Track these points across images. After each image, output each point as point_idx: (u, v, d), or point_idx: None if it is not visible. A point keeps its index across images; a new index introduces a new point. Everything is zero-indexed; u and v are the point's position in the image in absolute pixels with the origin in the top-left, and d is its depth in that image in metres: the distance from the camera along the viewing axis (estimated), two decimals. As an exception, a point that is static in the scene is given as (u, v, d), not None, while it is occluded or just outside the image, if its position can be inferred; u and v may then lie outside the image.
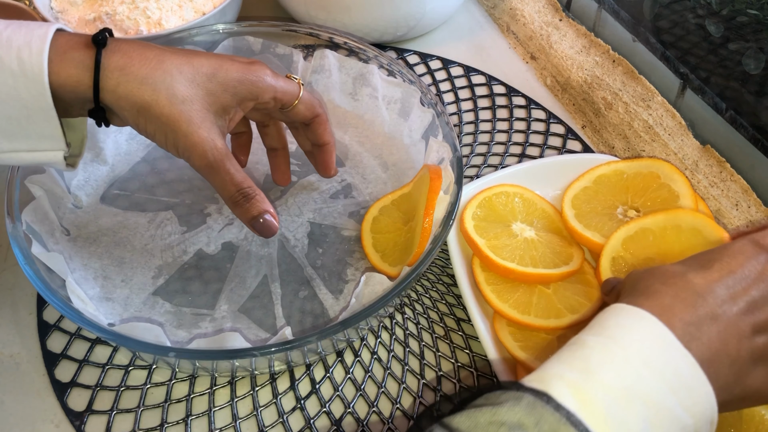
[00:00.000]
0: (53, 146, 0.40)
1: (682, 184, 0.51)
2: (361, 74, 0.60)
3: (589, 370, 0.31)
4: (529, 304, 0.47)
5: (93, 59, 0.38)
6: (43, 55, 0.37)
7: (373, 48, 0.58)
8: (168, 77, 0.39)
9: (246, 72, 0.43)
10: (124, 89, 0.39)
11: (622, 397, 0.30)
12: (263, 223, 0.44)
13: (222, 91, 0.41)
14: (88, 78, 0.39)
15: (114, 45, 0.39)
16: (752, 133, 0.54)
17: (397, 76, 0.58)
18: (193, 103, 0.40)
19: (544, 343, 0.46)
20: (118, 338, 0.41)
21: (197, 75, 0.41)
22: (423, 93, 0.56)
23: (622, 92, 0.63)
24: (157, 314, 0.48)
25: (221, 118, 0.42)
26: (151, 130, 0.40)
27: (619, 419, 0.30)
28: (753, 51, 0.54)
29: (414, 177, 0.54)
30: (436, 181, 0.48)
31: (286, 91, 0.45)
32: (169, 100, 0.39)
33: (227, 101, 0.42)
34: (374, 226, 0.52)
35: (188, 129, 0.40)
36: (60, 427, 0.45)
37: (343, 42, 0.59)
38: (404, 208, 0.53)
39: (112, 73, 0.39)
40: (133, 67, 0.39)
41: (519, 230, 0.51)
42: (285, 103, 0.45)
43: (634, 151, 0.61)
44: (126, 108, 0.40)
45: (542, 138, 0.63)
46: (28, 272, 0.43)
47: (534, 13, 0.73)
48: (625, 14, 0.66)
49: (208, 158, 0.41)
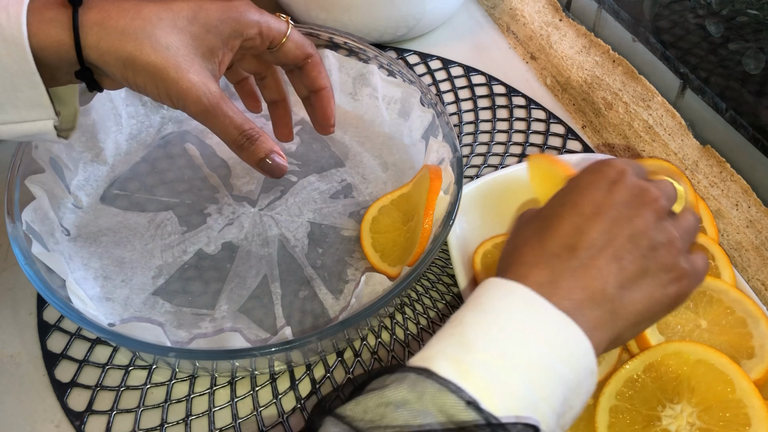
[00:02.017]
0: (42, 115, 0.39)
1: (683, 184, 0.51)
2: (361, 74, 0.60)
3: (467, 344, 0.32)
4: None
5: (70, 18, 0.38)
6: (21, 18, 0.36)
7: (373, 48, 0.58)
8: (148, 25, 0.39)
9: (227, 9, 0.42)
10: (105, 44, 0.38)
11: (501, 364, 0.31)
12: (272, 164, 0.43)
13: (205, 33, 0.41)
14: (68, 37, 0.38)
15: (89, 1, 0.39)
16: (752, 133, 0.54)
17: (397, 76, 0.58)
18: (179, 49, 0.39)
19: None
20: (118, 338, 0.41)
21: (177, 19, 0.40)
22: (423, 93, 0.56)
23: (622, 92, 0.63)
24: (157, 314, 0.48)
25: (210, 61, 0.42)
26: (141, 82, 0.40)
27: (500, 384, 0.31)
28: (753, 51, 0.54)
29: (413, 177, 0.54)
30: (436, 182, 0.48)
31: (271, 27, 0.44)
32: (153, 48, 0.39)
33: (212, 42, 0.41)
34: (374, 226, 0.52)
35: (177, 75, 0.39)
36: (60, 427, 0.45)
37: (343, 42, 0.59)
38: (403, 208, 0.53)
39: (91, 29, 0.38)
40: (111, 21, 0.38)
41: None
42: (273, 40, 0.44)
43: (634, 151, 0.61)
44: (111, 63, 0.39)
45: (542, 138, 0.63)
46: (28, 272, 0.43)
47: (534, 13, 0.73)
48: (625, 14, 0.66)
49: (203, 102, 0.40)
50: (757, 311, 0.45)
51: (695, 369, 0.42)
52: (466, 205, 0.53)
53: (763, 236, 0.52)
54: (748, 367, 0.43)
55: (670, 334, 0.45)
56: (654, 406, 0.41)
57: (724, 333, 0.45)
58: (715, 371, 0.41)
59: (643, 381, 0.42)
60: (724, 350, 0.43)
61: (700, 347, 0.42)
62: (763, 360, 0.43)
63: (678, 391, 0.41)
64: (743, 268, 0.52)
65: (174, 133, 0.60)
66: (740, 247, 0.53)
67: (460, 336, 0.32)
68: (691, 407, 0.41)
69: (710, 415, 0.40)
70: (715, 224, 0.52)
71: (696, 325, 0.46)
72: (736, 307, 0.46)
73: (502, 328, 0.32)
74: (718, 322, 0.46)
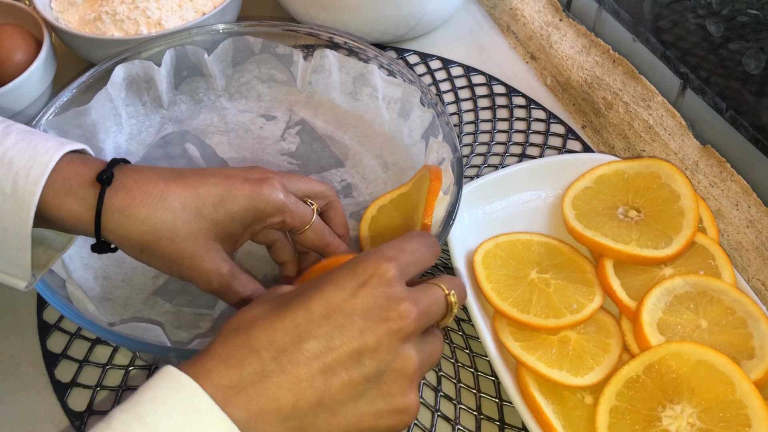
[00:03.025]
0: (18, 274, 0.40)
1: (683, 185, 0.51)
2: (361, 74, 0.60)
3: None
4: (528, 303, 0.47)
5: (96, 198, 0.38)
6: (38, 187, 0.37)
7: (374, 48, 0.58)
8: (170, 215, 0.39)
9: (255, 197, 0.40)
10: (125, 231, 0.38)
11: None
12: None
13: (229, 221, 0.40)
14: (89, 217, 0.38)
15: (118, 182, 0.39)
16: (752, 133, 0.54)
17: (398, 76, 0.58)
18: (197, 238, 0.39)
19: (545, 343, 0.46)
20: (119, 338, 0.41)
21: (203, 206, 0.40)
22: (423, 93, 0.56)
23: (622, 92, 0.63)
24: (157, 314, 0.48)
25: (227, 242, 0.42)
26: (155, 264, 0.40)
27: None
28: (753, 51, 0.54)
29: (413, 177, 0.54)
30: (436, 182, 0.48)
31: (295, 216, 0.42)
32: (171, 240, 0.39)
33: (234, 229, 0.41)
34: (373, 225, 0.52)
35: (191, 263, 0.39)
36: (60, 427, 0.45)
37: (343, 42, 0.59)
38: (402, 207, 0.53)
39: (113, 215, 0.38)
40: (134, 208, 0.38)
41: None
42: (294, 228, 0.43)
43: (634, 151, 0.61)
44: (127, 246, 0.40)
45: (542, 138, 0.63)
46: None
47: (534, 13, 0.73)
48: (625, 14, 0.66)
49: (213, 285, 0.40)
50: (758, 312, 0.45)
51: (695, 369, 0.42)
52: (466, 205, 0.53)
53: (763, 236, 0.52)
54: (748, 368, 0.43)
55: (671, 335, 0.45)
56: (654, 406, 0.41)
57: (725, 333, 0.45)
58: (715, 372, 0.41)
59: (643, 381, 0.42)
60: (724, 351, 0.43)
61: (700, 348, 0.42)
62: (763, 360, 0.43)
63: (678, 392, 0.41)
64: (743, 268, 0.52)
65: (174, 133, 0.60)
66: (740, 247, 0.53)
67: None
68: (692, 408, 0.41)
69: (710, 415, 0.40)
70: (716, 224, 0.52)
71: (696, 325, 0.46)
72: (737, 307, 0.46)
73: None
74: (719, 322, 0.46)
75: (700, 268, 0.49)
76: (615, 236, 0.50)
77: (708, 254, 0.49)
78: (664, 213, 0.51)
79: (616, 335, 0.46)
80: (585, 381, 0.44)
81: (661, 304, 0.46)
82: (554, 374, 0.44)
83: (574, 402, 0.44)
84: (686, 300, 0.47)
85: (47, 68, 0.61)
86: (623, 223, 0.51)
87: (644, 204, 0.52)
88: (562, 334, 0.46)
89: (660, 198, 0.51)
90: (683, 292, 0.47)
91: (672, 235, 0.49)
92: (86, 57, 0.65)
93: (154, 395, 0.29)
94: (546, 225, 0.54)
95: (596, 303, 0.47)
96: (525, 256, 0.51)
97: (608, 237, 0.50)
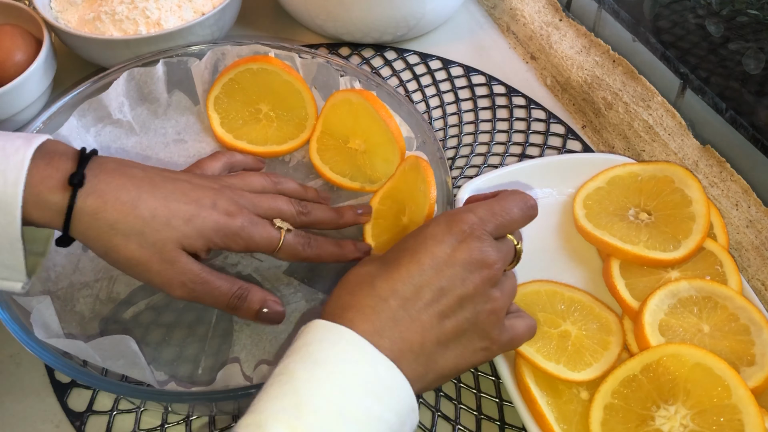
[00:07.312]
0: (12, 276, 0.40)
1: (696, 190, 0.51)
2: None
3: (300, 404, 0.31)
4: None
5: (66, 202, 0.38)
6: (18, 187, 0.37)
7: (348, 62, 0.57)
8: (139, 223, 0.39)
9: (220, 228, 0.41)
10: (93, 233, 0.39)
11: (334, 420, 0.31)
12: (268, 313, 0.43)
13: (197, 236, 0.41)
14: (59, 220, 0.39)
15: (90, 185, 0.39)
16: (752, 133, 0.54)
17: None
18: (165, 245, 0.40)
19: (544, 335, 0.46)
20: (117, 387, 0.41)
21: (173, 218, 0.40)
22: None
23: (622, 92, 0.63)
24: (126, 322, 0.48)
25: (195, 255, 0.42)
26: (121, 267, 0.41)
27: None
28: (753, 51, 0.54)
29: (396, 170, 0.53)
30: (428, 170, 0.48)
31: (261, 245, 0.43)
32: (139, 245, 0.39)
33: (200, 245, 0.41)
34: (375, 230, 0.52)
35: (160, 267, 0.40)
36: (60, 427, 0.45)
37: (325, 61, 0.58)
38: (395, 202, 0.51)
39: (82, 218, 0.39)
40: (105, 213, 0.39)
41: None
42: (263, 251, 0.44)
43: (634, 151, 0.61)
44: (94, 248, 0.40)
45: (542, 138, 0.63)
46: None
47: (534, 13, 0.73)
48: (625, 14, 0.66)
49: (188, 287, 0.41)
50: (762, 320, 0.45)
51: (693, 372, 0.42)
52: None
53: (763, 236, 0.52)
54: (747, 375, 0.43)
55: (671, 337, 0.45)
56: (648, 406, 0.41)
57: (726, 339, 0.45)
58: (712, 375, 0.41)
59: (639, 381, 0.42)
60: (724, 356, 0.43)
61: (698, 351, 0.42)
62: (763, 368, 0.43)
63: (673, 393, 0.41)
64: (743, 268, 0.52)
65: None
66: (740, 247, 0.53)
67: (292, 395, 0.32)
68: (686, 409, 0.41)
69: (704, 418, 0.40)
70: (727, 232, 0.52)
71: (698, 329, 0.46)
72: (741, 314, 0.46)
73: (335, 383, 0.32)
74: (721, 328, 0.46)
75: (707, 274, 0.49)
76: (623, 237, 0.50)
77: (716, 260, 0.49)
78: (675, 217, 0.51)
79: (617, 333, 0.47)
80: (581, 376, 0.44)
81: (665, 306, 0.46)
82: (551, 367, 0.44)
83: (569, 396, 0.44)
84: (690, 304, 0.47)
85: (47, 68, 0.61)
86: (633, 225, 0.51)
87: (656, 207, 0.52)
88: (562, 328, 0.46)
89: (672, 202, 0.51)
90: (688, 295, 0.47)
91: (681, 239, 0.49)
92: (86, 57, 0.64)
93: (320, 345, 0.34)
94: (555, 223, 0.55)
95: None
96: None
97: (617, 237, 0.50)
